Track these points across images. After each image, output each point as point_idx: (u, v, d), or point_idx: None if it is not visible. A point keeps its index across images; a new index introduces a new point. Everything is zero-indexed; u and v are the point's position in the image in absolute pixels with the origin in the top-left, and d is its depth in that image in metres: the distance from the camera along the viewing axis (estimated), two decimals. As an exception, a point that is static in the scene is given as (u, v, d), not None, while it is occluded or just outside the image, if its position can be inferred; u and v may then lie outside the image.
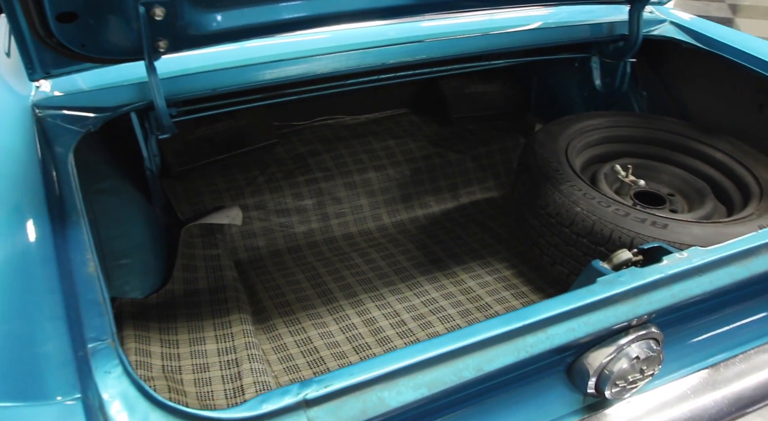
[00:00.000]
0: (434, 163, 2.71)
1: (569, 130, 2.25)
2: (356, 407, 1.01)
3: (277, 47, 1.89)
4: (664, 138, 2.32)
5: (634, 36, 2.27)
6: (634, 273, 1.27)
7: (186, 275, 1.98)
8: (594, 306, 1.21)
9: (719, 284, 1.33)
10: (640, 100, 2.65)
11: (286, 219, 2.43)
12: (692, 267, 1.30)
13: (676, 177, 2.24)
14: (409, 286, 2.18)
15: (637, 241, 1.74)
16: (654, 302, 1.27)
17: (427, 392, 1.06)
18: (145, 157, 1.79)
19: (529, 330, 1.15)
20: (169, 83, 1.69)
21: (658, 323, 1.37)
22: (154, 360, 1.64)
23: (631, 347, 1.32)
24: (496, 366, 1.12)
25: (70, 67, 1.55)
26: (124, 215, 1.89)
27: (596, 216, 1.81)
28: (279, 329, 1.97)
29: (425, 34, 2.15)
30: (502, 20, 2.31)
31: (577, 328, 1.20)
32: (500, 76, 3.04)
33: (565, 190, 1.91)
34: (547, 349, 1.17)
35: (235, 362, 1.70)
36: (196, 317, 1.84)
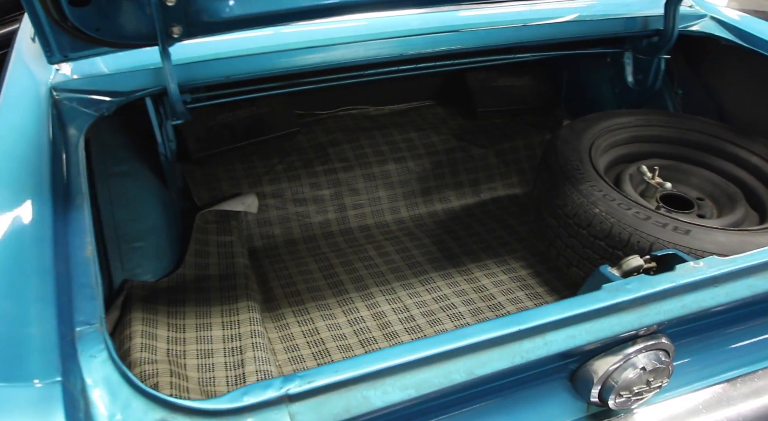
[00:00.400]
0: (456, 157, 2.66)
1: (595, 127, 2.17)
2: (340, 405, 1.00)
3: (296, 35, 1.87)
4: (697, 139, 2.21)
5: (669, 31, 2.17)
6: (642, 281, 1.21)
7: (198, 260, 2.00)
8: (596, 313, 1.16)
9: (736, 296, 1.26)
10: (674, 98, 2.54)
11: (303, 208, 2.42)
12: (707, 277, 1.24)
13: (707, 181, 2.14)
14: (422, 281, 2.15)
15: (657, 246, 1.67)
16: (663, 312, 1.21)
17: (415, 393, 1.03)
18: (159, 143, 1.81)
19: (525, 335, 1.11)
20: (184, 69, 1.69)
21: (669, 334, 1.31)
22: (160, 343, 1.66)
23: (638, 357, 1.26)
24: (489, 370, 1.08)
25: (87, 50, 1.56)
26: (139, 199, 1.91)
27: (615, 218, 1.74)
28: (287, 319, 1.97)
29: (451, 25, 2.10)
30: (531, 12, 2.24)
31: (578, 335, 1.15)
32: (530, 70, 2.95)
33: (585, 190, 1.84)
34: (544, 355, 1.13)
35: (239, 349, 1.71)
36: (204, 303, 1.85)
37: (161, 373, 1.54)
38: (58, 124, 1.50)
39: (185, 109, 1.70)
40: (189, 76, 1.69)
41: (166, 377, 1.52)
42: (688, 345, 1.39)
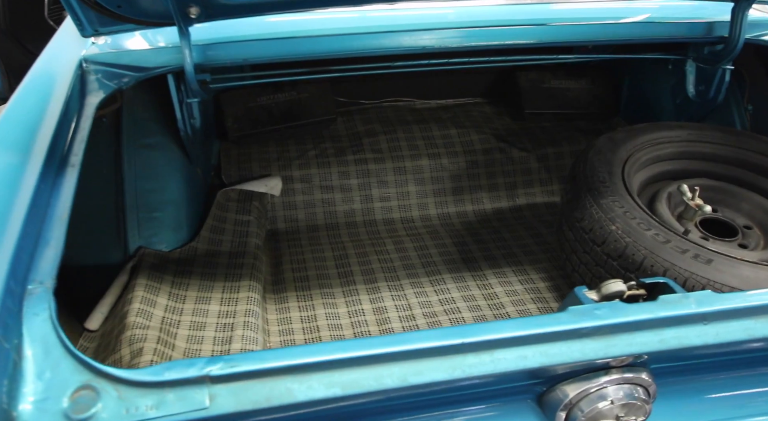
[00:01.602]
0: (494, 158, 2.56)
1: (638, 139, 2.01)
2: (261, 393, 0.99)
3: (322, 23, 1.87)
4: (755, 161, 2.00)
5: (734, 39, 1.96)
6: (615, 308, 1.12)
7: (212, 235, 2.06)
8: (554, 336, 1.08)
9: (729, 338, 1.13)
10: (743, 114, 2.31)
11: (329, 196, 2.43)
12: (693, 313, 1.12)
13: (759, 207, 1.93)
14: (432, 281, 2.10)
15: (671, 273, 1.53)
16: (635, 344, 1.11)
17: (340, 392, 1.01)
18: (179, 119, 1.87)
19: (469, 349, 1.05)
20: (204, 50, 1.73)
21: (653, 371, 1.20)
22: (157, 310, 1.73)
23: (609, 389, 1.17)
24: (424, 380, 1.04)
25: (114, 26, 1.64)
26: (162, 171, 2.00)
27: (631, 238, 1.61)
28: (290, 302, 1.99)
29: (501, 20, 2.01)
30: (587, 11, 2.10)
31: (531, 357, 1.07)
32: (588, 74, 2.79)
33: (605, 204, 1.72)
34: (490, 372, 1.06)
35: (230, 326, 1.75)
36: (208, 277, 1.91)
37: (149, 338, 1.60)
38: (79, 93, 1.59)
39: (200, 88, 1.74)
40: (209, 57, 1.73)
41: (153, 343, 1.59)
42: (675, 386, 1.27)
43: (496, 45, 2.01)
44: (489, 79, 2.89)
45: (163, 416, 0.96)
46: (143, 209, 1.95)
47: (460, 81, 2.89)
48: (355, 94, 2.82)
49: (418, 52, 2.02)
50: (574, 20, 2.02)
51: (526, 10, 2.09)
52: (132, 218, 1.92)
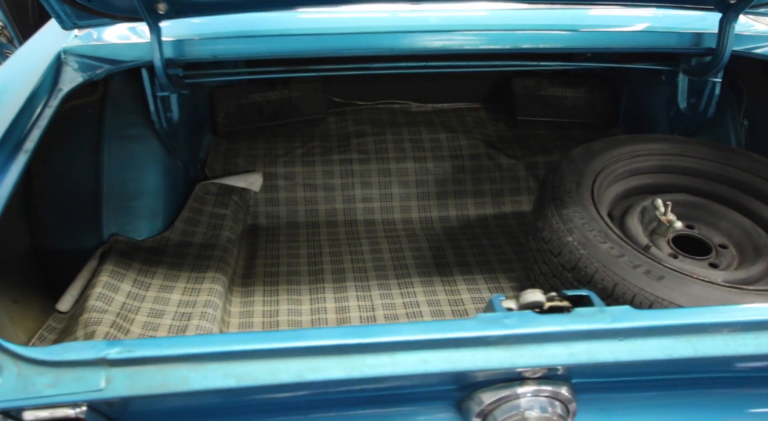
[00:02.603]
0: (482, 164, 2.54)
1: (616, 151, 1.96)
2: (157, 379, 1.01)
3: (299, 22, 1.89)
4: (739, 178, 1.92)
5: (721, 51, 1.89)
6: (524, 318, 1.10)
7: (186, 227, 2.11)
8: (457, 342, 1.07)
9: (644, 356, 1.10)
10: (739, 129, 2.23)
11: (312, 194, 2.46)
12: (606, 328, 1.09)
13: (738, 226, 1.86)
14: (401, 284, 2.09)
15: (620, 288, 1.49)
16: (544, 356, 1.09)
17: (235, 383, 1.02)
18: (152, 112, 1.92)
19: (369, 350, 1.05)
20: (175, 45, 1.78)
21: (574, 386, 1.18)
22: (118, 296, 1.78)
23: (522, 400, 1.15)
24: (320, 377, 1.04)
25: (91, 20, 1.71)
26: (141, 162, 2.06)
27: (585, 250, 1.58)
28: (255, 296, 2.02)
29: (487, 24, 2.00)
30: (576, 17, 2.06)
31: (432, 361, 1.07)
32: (587, 83, 2.73)
33: (566, 215, 1.68)
34: (390, 374, 1.06)
35: (188, 315, 1.78)
36: (176, 267, 1.96)
37: (104, 322, 1.65)
38: (52, 82, 1.65)
39: (170, 82, 1.79)
40: (180, 53, 1.77)
41: (106, 327, 1.64)
42: (597, 404, 1.24)
43: (488, 49, 2.00)
44: (486, 84, 2.87)
45: (59, 394, 1.00)
46: (119, 198, 2.01)
47: (457, 85, 2.87)
48: (350, 94, 2.84)
49: (405, 54, 2.03)
50: (562, 27, 1.99)
51: (516, 15, 2.06)
52: (108, 205, 1.98)
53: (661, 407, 1.29)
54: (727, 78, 2.27)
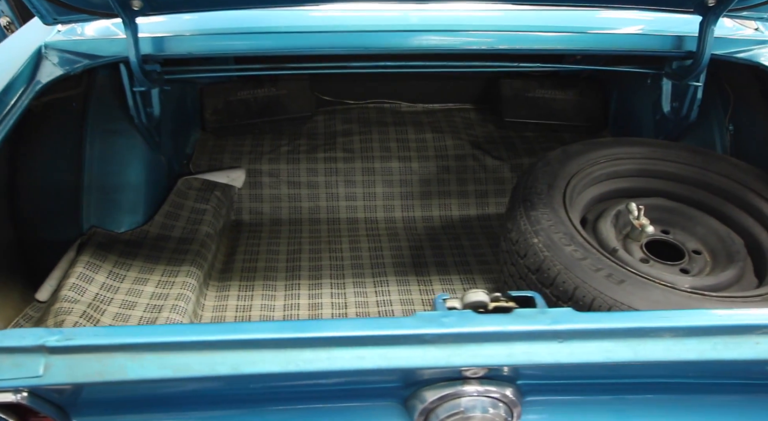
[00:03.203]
0: (467, 164, 2.54)
1: (594, 154, 1.95)
2: (95, 368, 1.03)
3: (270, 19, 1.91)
4: (717, 183, 1.90)
5: (700, 54, 1.87)
6: (463, 317, 1.10)
7: (166, 221, 2.14)
8: (394, 340, 1.07)
9: (584, 359, 1.09)
10: (724, 134, 2.20)
11: (296, 191, 2.47)
12: (546, 330, 1.08)
13: (713, 232, 1.83)
14: (376, 283, 2.10)
15: (580, 291, 1.48)
16: (481, 356, 1.09)
17: (171, 374, 1.04)
18: (130, 107, 1.95)
19: (305, 344, 1.06)
20: (156, 42, 1.80)
21: (521, 388, 1.18)
22: (92, 287, 1.81)
23: (462, 400, 1.16)
24: (257, 371, 1.05)
25: (70, 15, 1.74)
26: (123, 156, 2.09)
27: (550, 252, 1.57)
28: (230, 291, 2.04)
29: (458, 24, 2.00)
30: (560, 19, 2.05)
31: (368, 358, 1.07)
32: (577, 85, 2.71)
33: (534, 216, 1.68)
34: (326, 369, 1.07)
35: (159, 308, 1.81)
36: (151, 260, 1.98)
37: (74, 312, 1.68)
38: (29, 75, 1.69)
39: (146, 77, 1.82)
40: (157, 49, 1.80)
41: (76, 317, 1.67)
42: (547, 407, 1.24)
43: (471, 49, 2.00)
44: (477, 85, 2.86)
45: (-3, 379, 1.02)
46: (101, 191, 2.04)
47: (448, 86, 2.87)
48: (341, 93, 2.85)
49: (391, 53, 2.04)
50: (544, 29, 1.98)
51: (499, 16, 2.06)
52: (89, 198, 2.02)
53: (612, 412, 1.29)
54: (714, 82, 2.25)
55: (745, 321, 1.11)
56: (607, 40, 1.99)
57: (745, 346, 1.10)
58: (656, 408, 1.27)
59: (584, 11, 2.07)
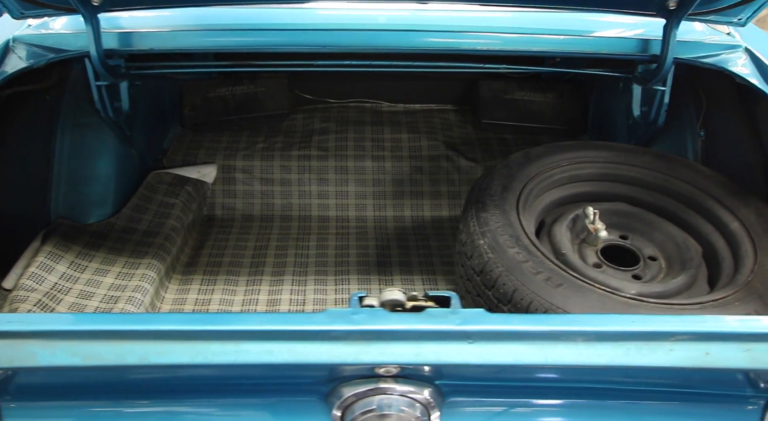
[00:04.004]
0: (440, 165, 2.53)
1: (556, 157, 1.94)
2: (6, 353, 1.05)
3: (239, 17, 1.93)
4: (680, 189, 1.88)
5: (663, 58, 1.85)
6: (373, 315, 1.10)
7: (133, 214, 2.17)
8: (302, 335, 1.08)
9: (493, 360, 1.09)
10: (696, 140, 2.16)
11: (269, 188, 2.49)
12: (455, 330, 1.08)
13: (671, 239, 1.81)
14: (337, 281, 2.11)
15: (518, 294, 1.47)
16: (389, 354, 1.09)
17: (81, 362, 1.06)
18: (96, 100, 1.98)
19: (214, 337, 1.08)
20: (119, 37, 1.83)
21: (438, 387, 1.18)
22: (51, 276, 1.85)
23: (376, 398, 1.16)
24: (165, 361, 1.07)
25: (35, 10, 1.78)
26: (93, 149, 2.13)
27: (493, 254, 1.56)
28: (192, 285, 2.06)
29: (426, 25, 2.00)
30: (527, 20, 2.04)
31: (277, 352, 1.08)
32: (556, 88, 2.69)
33: (483, 218, 1.67)
34: (234, 362, 1.08)
35: (115, 299, 1.84)
36: (115, 252, 2.02)
37: (29, 301, 1.72)
38: (-6, 68, 1.73)
39: (108, 72, 1.85)
40: (120, 44, 1.83)
41: (29, 305, 1.70)
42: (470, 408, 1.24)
43: (430, 49, 2.00)
44: (458, 86, 2.86)
45: None
46: (70, 182, 2.08)
47: (431, 87, 2.87)
48: (323, 92, 2.87)
49: (364, 52, 2.05)
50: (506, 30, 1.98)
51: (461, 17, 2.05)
52: (57, 189, 2.06)
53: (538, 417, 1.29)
54: (689, 87, 2.22)
55: (660, 328, 1.09)
56: (572, 42, 1.97)
57: (658, 352, 1.09)
58: (580, 414, 1.27)
59: (554, 14, 2.06)
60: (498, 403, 1.26)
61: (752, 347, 1.10)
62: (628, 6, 1.80)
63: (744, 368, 1.09)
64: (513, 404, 1.27)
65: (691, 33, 1.99)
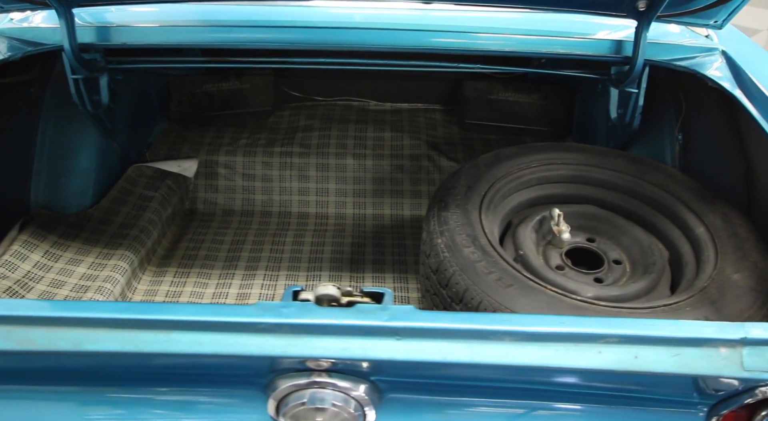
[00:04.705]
0: (421, 165, 2.53)
1: (525, 158, 1.93)
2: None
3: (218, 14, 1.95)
4: (650, 193, 1.86)
5: (635, 60, 1.83)
6: (303, 309, 1.11)
7: (112, 205, 2.21)
8: (231, 327, 1.09)
9: (420, 357, 1.09)
10: (674, 143, 2.14)
11: (250, 183, 2.51)
12: (383, 326, 1.09)
13: (637, 243, 1.79)
14: (309, 277, 2.12)
15: (469, 293, 1.47)
16: (317, 348, 1.10)
17: (15, 346, 1.09)
18: (72, 93, 2.02)
19: (146, 326, 1.10)
20: (95, 32, 1.87)
21: (375, 383, 1.19)
22: (24, 265, 1.89)
23: (307, 392, 1.18)
24: (98, 348, 1.09)
25: (13, 5, 1.82)
26: (74, 141, 2.17)
27: (449, 253, 1.57)
28: (166, 277, 2.09)
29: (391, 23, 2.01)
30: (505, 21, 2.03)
31: (206, 343, 1.10)
32: (542, 89, 2.68)
33: (443, 217, 1.67)
34: (165, 351, 1.10)
35: (85, 288, 1.87)
36: (90, 242, 2.05)
37: (1, 288, 1.76)
38: (-27, 61, 1.78)
39: (82, 66, 1.88)
40: (96, 39, 1.86)
41: (0, 292, 1.75)
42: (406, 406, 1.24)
43: (407, 48, 2.01)
44: (446, 86, 2.85)
45: None
46: (50, 173, 2.12)
47: (419, 86, 2.87)
48: (312, 90, 2.89)
49: (348, 50, 2.06)
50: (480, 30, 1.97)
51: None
52: (38, 180, 2.10)
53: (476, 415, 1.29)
54: (671, 90, 2.20)
55: (589, 330, 1.09)
56: (545, 43, 1.95)
57: (587, 354, 1.09)
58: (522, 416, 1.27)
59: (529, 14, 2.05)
60: (437, 401, 1.27)
61: (681, 352, 1.09)
62: (599, 7, 1.79)
63: (673, 372, 1.08)
64: (453, 403, 1.27)
65: (668, 35, 1.97)
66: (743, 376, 1.08)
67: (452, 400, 1.27)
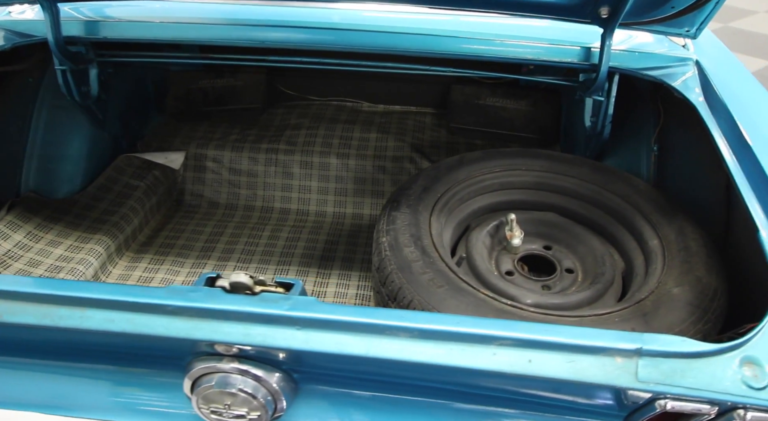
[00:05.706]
0: (403, 166, 2.56)
1: (490, 163, 1.93)
2: None
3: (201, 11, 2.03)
4: (610, 203, 1.84)
5: (600, 67, 1.81)
6: (209, 295, 1.16)
7: (97, 192, 2.31)
8: (141, 307, 1.15)
9: (317, 348, 1.13)
10: (649, 155, 2.10)
11: (236, 178, 2.59)
12: (283, 315, 1.13)
13: (591, 252, 1.77)
14: (278, 271, 2.17)
15: (402, 292, 1.49)
16: (220, 333, 1.15)
17: None
18: (60, 84, 2.13)
19: (63, 302, 1.16)
20: (81, 25, 1.97)
21: (288, 372, 1.23)
22: (6, 244, 2.00)
23: (216, 376, 1.22)
24: (17, 321, 1.17)
25: (3, 0, 1.94)
26: (66, 130, 2.28)
27: (390, 253, 1.59)
28: (141, 263, 2.18)
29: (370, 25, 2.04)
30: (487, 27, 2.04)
31: (117, 321, 1.16)
32: (531, 95, 2.66)
33: (392, 217, 1.70)
34: (79, 327, 1.16)
35: (59, 269, 1.97)
36: (72, 226, 2.16)
37: (-22, 264, 1.88)
38: (-36, 51, 1.90)
39: (66, 58, 1.99)
40: (79, 32, 1.96)
41: (-24, 267, 1.86)
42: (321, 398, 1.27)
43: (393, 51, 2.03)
44: (438, 90, 2.87)
45: None
46: (41, 159, 2.24)
47: (413, 89, 2.89)
48: (307, 89, 2.94)
49: (340, 51, 2.11)
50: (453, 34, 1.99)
51: None
52: (29, 164, 2.22)
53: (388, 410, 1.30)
54: (651, 100, 2.16)
55: (484, 331, 1.10)
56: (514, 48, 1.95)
57: (482, 355, 1.10)
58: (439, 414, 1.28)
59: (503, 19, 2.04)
60: (354, 395, 1.29)
61: (576, 359, 1.09)
62: (563, 13, 1.78)
63: (566, 379, 1.08)
64: (368, 397, 1.29)
65: (644, 45, 1.94)
66: (637, 386, 1.07)
67: (368, 394, 1.29)
